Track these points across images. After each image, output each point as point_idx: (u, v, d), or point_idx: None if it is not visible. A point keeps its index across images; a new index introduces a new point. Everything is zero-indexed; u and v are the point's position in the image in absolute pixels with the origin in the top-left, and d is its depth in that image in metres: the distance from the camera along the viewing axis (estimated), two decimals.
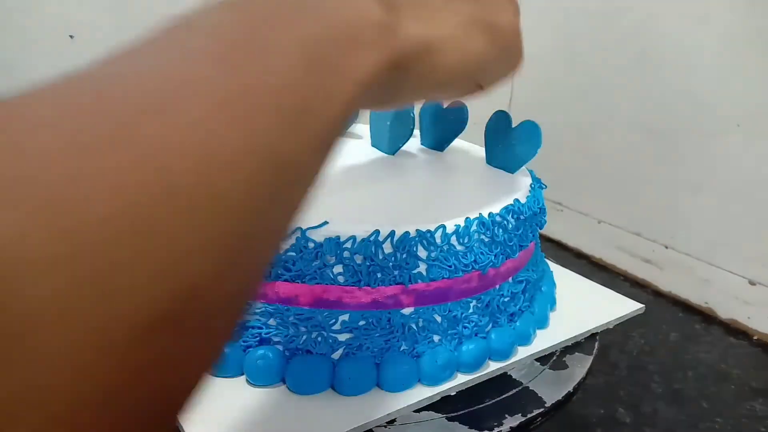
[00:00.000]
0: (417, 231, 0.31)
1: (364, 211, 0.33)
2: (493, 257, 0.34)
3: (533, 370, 0.36)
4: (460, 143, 0.48)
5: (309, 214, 0.31)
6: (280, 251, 0.30)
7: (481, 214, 0.33)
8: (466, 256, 0.33)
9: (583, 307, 0.42)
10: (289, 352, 0.32)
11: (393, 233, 0.31)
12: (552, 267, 0.46)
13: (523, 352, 0.36)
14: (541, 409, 0.33)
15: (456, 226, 0.32)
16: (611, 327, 0.41)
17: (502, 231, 0.34)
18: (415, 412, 0.32)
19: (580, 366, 0.37)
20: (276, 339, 0.32)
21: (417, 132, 0.45)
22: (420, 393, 0.32)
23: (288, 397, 0.31)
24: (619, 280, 0.54)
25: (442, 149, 0.47)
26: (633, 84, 0.53)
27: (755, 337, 0.46)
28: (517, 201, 0.36)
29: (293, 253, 0.31)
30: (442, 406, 0.32)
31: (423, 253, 0.32)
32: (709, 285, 0.49)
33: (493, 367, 0.35)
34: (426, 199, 0.37)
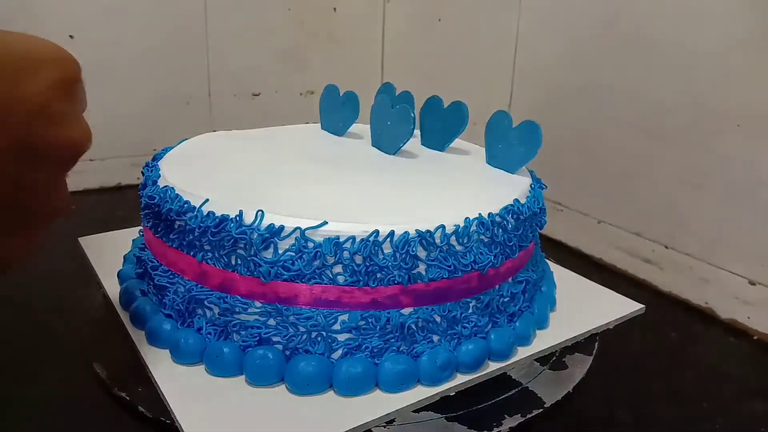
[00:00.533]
0: (416, 231, 0.31)
1: (364, 211, 0.33)
2: (492, 257, 0.34)
3: (533, 370, 0.36)
4: (460, 143, 0.48)
5: (309, 214, 0.31)
6: None
7: (480, 215, 0.33)
8: (466, 256, 0.33)
9: (583, 307, 0.42)
10: (288, 352, 0.32)
11: (392, 233, 0.31)
12: (552, 267, 0.46)
13: (522, 353, 0.36)
14: (540, 410, 0.33)
15: (455, 226, 0.32)
16: (611, 327, 0.41)
17: (501, 231, 0.34)
18: (415, 412, 0.32)
19: (579, 366, 0.37)
20: (275, 339, 0.32)
21: (417, 132, 0.45)
22: (419, 393, 0.32)
23: (287, 397, 0.31)
24: (619, 280, 0.54)
25: (442, 149, 0.47)
26: (633, 84, 0.53)
27: (755, 337, 0.46)
28: (517, 201, 0.36)
29: (293, 253, 0.31)
30: (441, 406, 0.32)
31: (422, 253, 0.32)
32: (709, 285, 0.49)
33: (492, 367, 0.35)
34: (426, 199, 0.37)
